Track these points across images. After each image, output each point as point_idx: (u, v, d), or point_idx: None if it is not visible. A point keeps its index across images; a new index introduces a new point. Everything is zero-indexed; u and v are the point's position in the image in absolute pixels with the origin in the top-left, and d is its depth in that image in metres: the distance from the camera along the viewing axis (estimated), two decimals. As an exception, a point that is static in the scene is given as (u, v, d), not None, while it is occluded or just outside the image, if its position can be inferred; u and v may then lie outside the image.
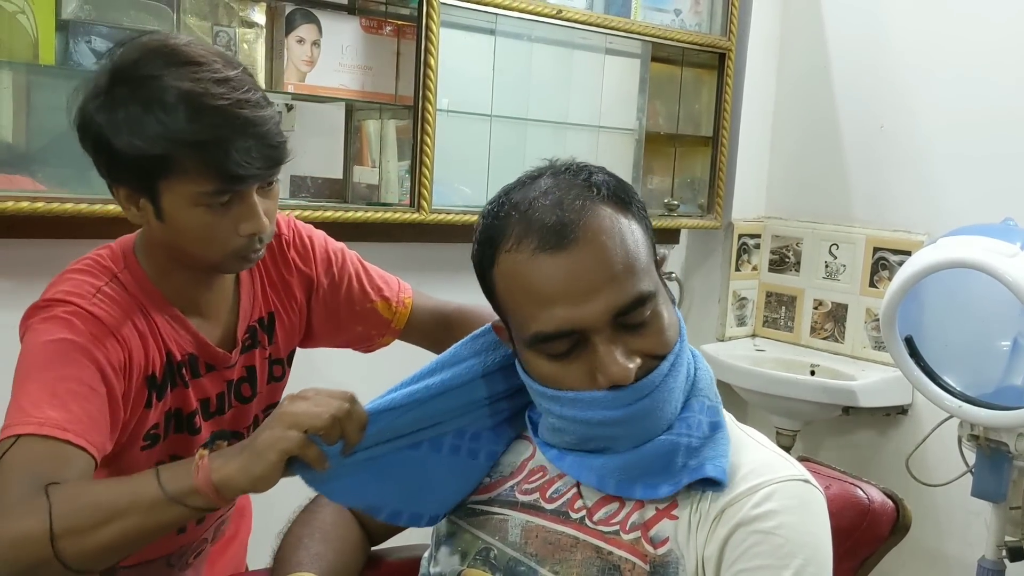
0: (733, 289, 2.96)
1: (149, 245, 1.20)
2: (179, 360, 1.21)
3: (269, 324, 1.33)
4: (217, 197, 1.09)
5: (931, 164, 2.58)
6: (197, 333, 1.22)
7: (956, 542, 2.50)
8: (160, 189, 1.09)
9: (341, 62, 2.17)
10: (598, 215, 0.94)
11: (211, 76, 1.07)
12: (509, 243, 0.95)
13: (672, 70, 2.86)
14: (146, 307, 1.17)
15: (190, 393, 1.23)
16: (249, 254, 1.16)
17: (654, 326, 0.95)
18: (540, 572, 0.98)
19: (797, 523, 0.93)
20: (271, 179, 1.15)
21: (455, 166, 2.34)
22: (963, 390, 2.00)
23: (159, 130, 1.05)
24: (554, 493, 1.03)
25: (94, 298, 1.12)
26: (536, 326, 0.94)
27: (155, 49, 1.09)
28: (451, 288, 2.41)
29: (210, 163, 1.07)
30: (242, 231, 1.13)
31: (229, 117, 1.07)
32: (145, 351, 1.16)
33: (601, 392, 0.94)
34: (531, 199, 0.96)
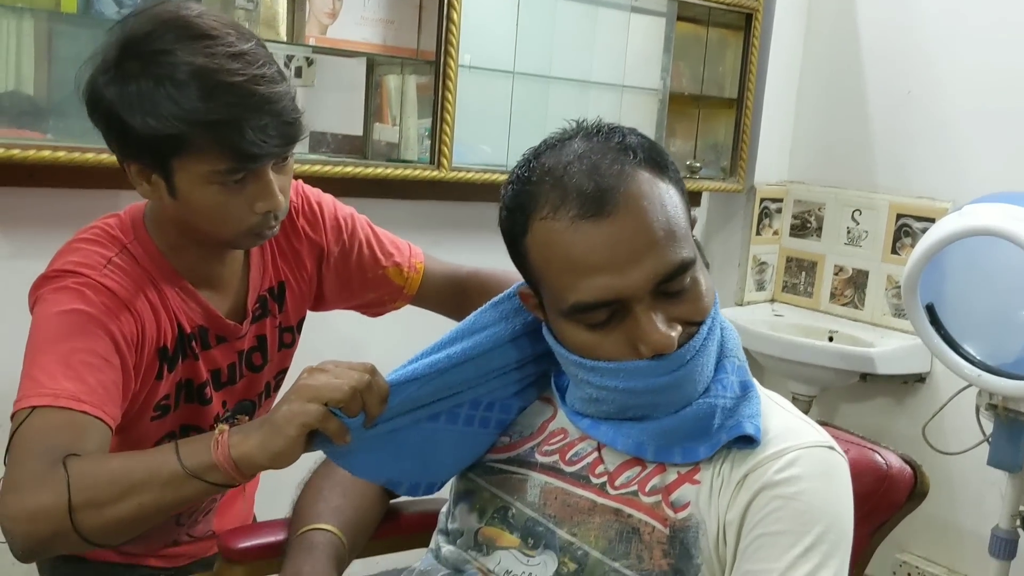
0: (753, 253, 2.95)
1: (159, 219, 1.18)
2: (189, 332, 1.20)
3: (279, 293, 1.31)
4: (232, 175, 1.07)
5: (957, 131, 2.54)
6: (207, 305, 1.21)
7: (970, 511, 2.50)
8: (173, 167, 1.07)
9: (363, 15, 2.15)
10: (637, 180, 0.91)
11: (225, 51, 1.04)
12: (544, 210, 0.92)
13: (698, 30, 2.82)
14: (156, 279, 1.16)
15: (200, 364, 1.22)
16: (264, 231, 1.15)
17: (693, 292, 0.93)
18: (558, 533, 0.98)
19: (820, 489, 0.92)
20: (286, 155, 1.13)
21: (476, 124, 2.33)
22: (983, 359, 1.99)
23: (172, 109, 1.02)
24: (574, 456, 1.02)
25: (105, 269, 1.11)
26: (575, 296, 0.91)
27: (167, 21, 1.05)
28: (470, 246, 2.41)
29: (225, 142, 1.04)
30: (258, 209, 1.11)
31: (244, 95, 1.04)
32: (157, 323, 1.15)
33: (644, 361, 0.92)
34: (565, 164, 0.93)
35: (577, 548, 0.97)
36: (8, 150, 1.66)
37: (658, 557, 0.94)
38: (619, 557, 0.95)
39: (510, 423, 1.09)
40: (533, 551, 0.99)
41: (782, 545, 0.89)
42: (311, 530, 1.06)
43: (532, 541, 1.00)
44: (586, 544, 0.97)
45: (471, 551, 1.04)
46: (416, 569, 1.07)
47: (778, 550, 0.89)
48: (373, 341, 1.82)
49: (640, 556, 0.94)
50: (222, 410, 1.29)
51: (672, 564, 0.93)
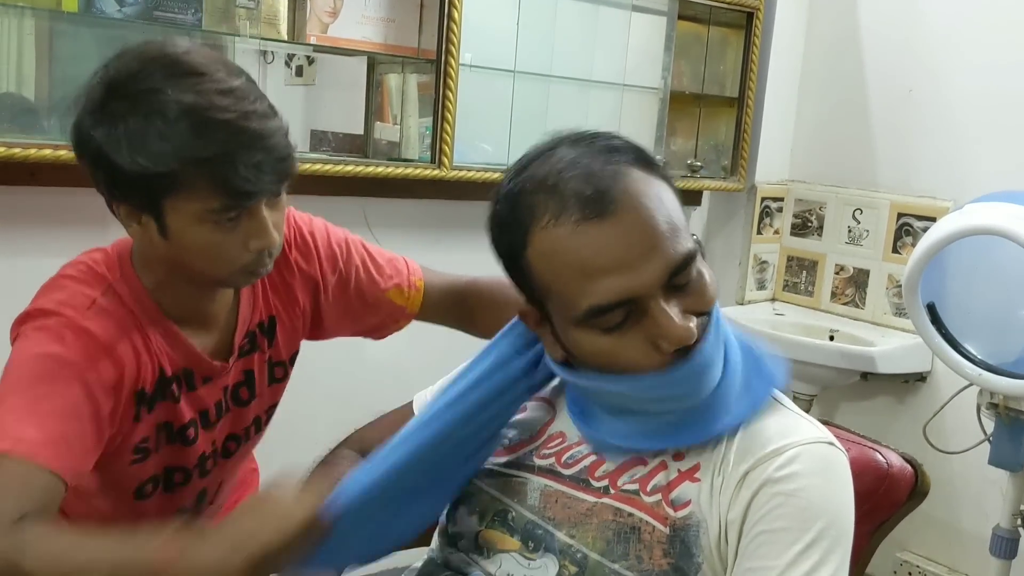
0: (754, 252, 2.94)
1: (147, 257, 1.14)
2: (171, 374, 1.16)
3: (269, 328, 1.28)
4: (225, 214, 1.04)
5: (959, 130, 2.54)
6: (192, 348, 1.18)
7: (971, 510, 2.50)
8: (164, 207, 1.04)
9: (364, 14, 2.15)
10: (632, 178, 0.91)
11: (215, 87, 1.02)
12: (544, 220, 0.90)
13: (699, 29, 2.82)
14: (140, 320, 1.13)
15: (182, 407, 1.19)
16: (258, 269, 1.12)
17: (699, 283, 0.93)
18: (557, 536, 0.98)
19: (821, 486, 0.92)
20: (279, 192, 1.10)
21: (477, 123, 2.32)
22: (984, 358, 1.99)
23: (163, 146, 1.00)
24: (570, 459, 1.02)
25: (88, 311, 1.08)
26: (589, 300, 0.89)
27: (154, 59, 1.03)
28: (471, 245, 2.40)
29: (217, 180, 1.01)
30: (252, 247, 1.08)
31: (236, 131, 1.01)
32: (138, 366, 1.12)
33: (676, 369, 0.91)
34: (557, 171, 0.91)
35: (576, 551, 0.97)
36: (9, 149, 1.66)
37: (658, 557, 0.93)
38: (618, 558, 0.94)
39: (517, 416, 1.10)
40: (534, 554, 0.99)
41: (783, 542, 0.89)
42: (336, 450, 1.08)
43: (532, 544, 1.00)
44: (584, 546, 0.96)
45: (472, 554, 1.04)
46: (416, 570, 1.07)
47: (779, 547, 0.89)
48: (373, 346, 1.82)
49: (639, 556, 0.94)
50: (209, 448, 1.26)
51: (672, 563, 0.93)
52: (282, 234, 1.13)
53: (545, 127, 1.02)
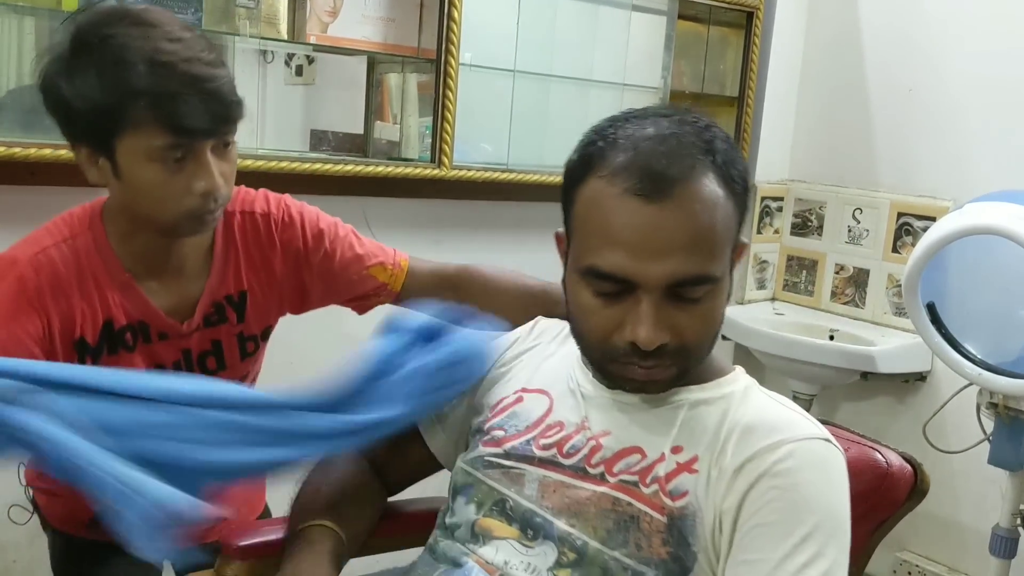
0: (754, 252, 2.95)
1: (112, 208, 1.21)
2: (125, 324, 1.21)
3: (239, 302, 1.31)
4: (171, 152, 1.10)
5: (959, 129, 2.54)
6: (147, 302, 1.23)
7: (971, 509, 2.51)
8: (116, 146, 1.11)
9: (364, 13, 2.15)
10: (701, 181, 0.91)
11: (165, 35, 1.10)
12: (604, 171, 0.93)
13: (699, 28, 2.82)
14: (97, 272, 1.19)
15: (135, 358, 1.23)
16: (204, 215, 1.16)
17: (703, 310, 0.94)
18: (556, 524, 0.99)
19: (816, 480, 0.93)
20: (226, 139, 1.15)
21: (477, 122, 2.33)
22: (984, 358, 1.99)
23: (111, 83, 1.07)
24: (571, 448, 1.03)
25: (35, 258, 1.16)
26: (594, 259, 0.93)
27: (111, 12, 1.12)
28: (471, 245, 2.42)
29: (160, 116, 1.08)
30: (196, 189, 1.13)
31: (179, 72, 1.08)
32: (74, 317, 1.17)
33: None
34: (645, 136, 0.93)
35: (576, 538, 0.97)
36: (9, 148, 1.66)
37: (657, 545, 0.94)
38: (617, 546, 0.95)
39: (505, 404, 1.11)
40: (532, 542, 1.00)
41: (778, 535, 0.90)
42: (310, 526, 1.06)
43: (531, 532, 1.00)
44: (584, 534, 0.97)
45: (468, 544, 1.04)
46: (414, 568, 1.07)
47: (774, 540, 0.90)
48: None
49: (639, 544, 0.95)
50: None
51: (671, 552, 0.94)
52: (231, 186, 1.18)
53: (545, 127, 1.04)
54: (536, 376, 1.14)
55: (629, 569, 0.94)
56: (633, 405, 1.03)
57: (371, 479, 1.20)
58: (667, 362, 0.95)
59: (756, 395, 1.03)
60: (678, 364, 0.96)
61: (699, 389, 1.02)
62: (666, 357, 0.95)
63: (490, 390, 1.17)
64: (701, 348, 0.97)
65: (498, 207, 2.41)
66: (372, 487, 1.19)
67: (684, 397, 1.02)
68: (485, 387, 1.18)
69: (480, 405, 1.17)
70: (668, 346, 0.93)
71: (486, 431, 1.12)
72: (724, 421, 0.99)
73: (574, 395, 1.08)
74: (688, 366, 0.98)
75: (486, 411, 1.15)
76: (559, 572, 0.97)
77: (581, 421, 1.05)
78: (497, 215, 2.41)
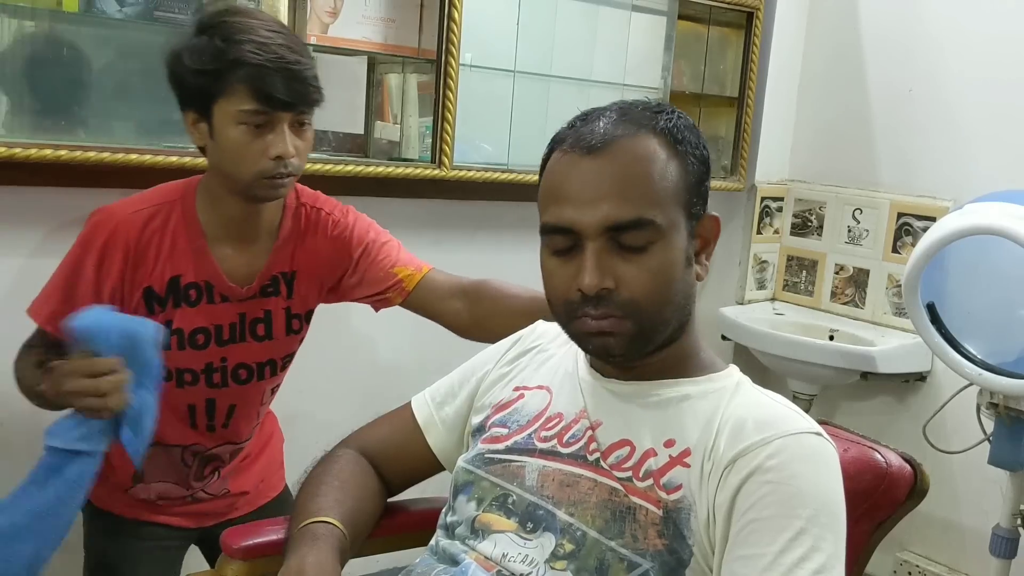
0: (754, 252, 2.95)
1: (205, 179, 1.43)
2: (189, 282, 1.42)
3: (290, 279, 1.50)
4: (254, 118, 1.31)
5: (959, 129, 2.54)
6: (216, 265, 1.43)
7: (971, 510, 2.51)
8: (214, 111, 1.33)
9: (364, 14, 2.15)
10: (640, 140, 0.98)
11: (265, 26, 1.34)
12: (560, 145, 1.02)
13: (699, 28, 2.82)
14: (178, 235, 1.41)
15: (196, 314, 1.43)
16: (274, 179, 1.35)
17: (648, 259, 0.97)
18: (558, 514, 1.00)
19: (809, 474, 0.93)
20: (302, 118, 1.36)
21: (477, 122, 2.33)
22: (984, 358, 1.99)
23: (217, 55, 1.30)
24: (571, 438, 1.05)
25: (129, 216, 1.39)
26: (545, 217, 1.01)
27: (229, 7, 1.41)
28: (471, 245, 2.42)
29: (250, 85, 1.30)
30: (270, 153, 1.33)
31: (271, 53, 1.30)
32: (147, 268, 1.40)
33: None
34: (598, 115, 1.02)
35: (576, 528, 0.98)
36: (10, 148, 1.67)
37: (653, 537, 0.95)
38: (615, 536, 0.96)
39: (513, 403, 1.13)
40: (531, 534, 1.01)
41: (774, 529, 0.90)
42: (313, 522, 1.06)
43: (531, 525, 1.01)
44: (584, 524, 0.98)
45: (468, 540, 1.05)
46: (415, 568, 1.08)
47: (770, 535, 0.90)
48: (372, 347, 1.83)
49: (635, 535, 0.96)
50: (218, 362, 1.47)
51: (667, 544, 0.95)
52: (303, 161, 1.39)
53: (545, 127, 1.06)
54: (536, 375, 1.15)
55: (625, 560, 0.95)
56: (626, 396, 1.05)
57: (373, 479, 1.20)
58: (618, 313, 0.97)
59: (748, 390, 1.04)
60: (631, 317, 0.97)
61: (691, 383, 1.04)
62: (615, 307, 0.97)
63: (491, 390, 1.18)
64: (654, 303, 0.98)
65: (498, 207, 2.41)
66: (373, 486, 1.19)
67: (676, 390, 1.03)
68: (486, 387, 1.19)
69: (481, 405, 1.18)
70: (616, 296, 0.97)
71: (486, 429, 1.13)
72: (716, 415, 1.00)
73: (572, 385, 1.09)
74: (646, 322, 0.98)
75: (487, 410, 1.16)
76: (556, 564, 0.98)
77: (579, 410, 1.06)
78: (497, 215, 2.42)
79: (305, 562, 1.00)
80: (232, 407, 1.52)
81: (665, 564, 0.95)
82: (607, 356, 1.03)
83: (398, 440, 1.23)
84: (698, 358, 1.07)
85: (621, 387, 1.06)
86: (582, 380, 1.09)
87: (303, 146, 1.37)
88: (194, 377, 1.46)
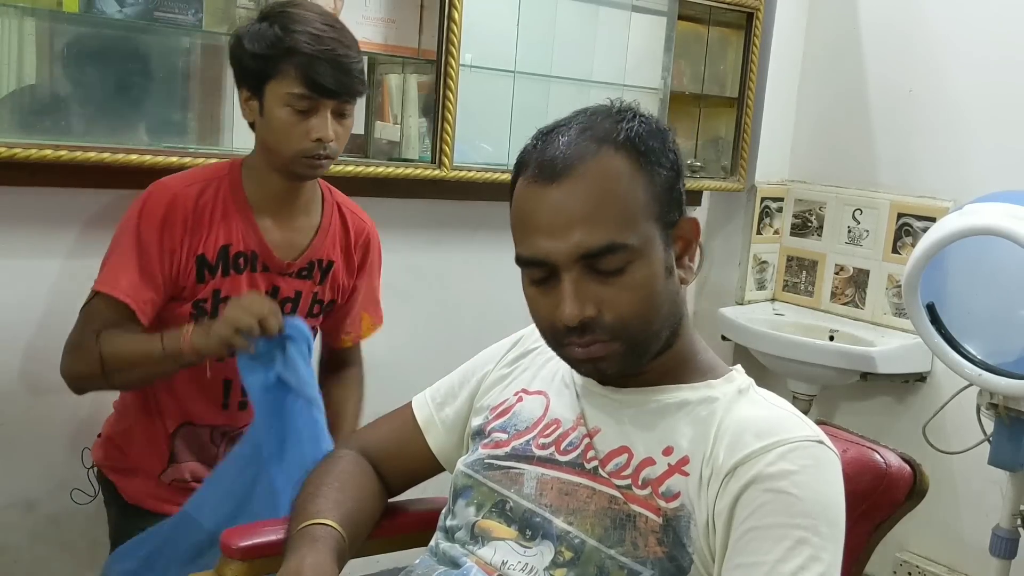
0: (754, 252, 2.95)
1: (255, 153, 1.54)
2: (238, 251, 1.52)
3: (326, 269, 1.62)
4: (300, 101, 1.43)
5: (959, 130, 2.54)
6: (262, 236, 1.54)
7: (971, 510, 2.50)
8: (265, 91, 1.45)
9: (364, 14, 2.14)
10: (602, 160, 0.96)
11: (322, 20, 1.47)
12: (525, 171, 1.00)
13: (699, 29, 2.82)
14: (228, 205, 1.52)
15: (241, 281, 1.53)
16: (313, 159, 1.47)
17: (625, 281, 0.96)
18: (555, 522, 1.00)
19: (810, 483, 0.93)
20: (345, 107, 1.48)
21: (477, 123, 2.32)
22: (984, 358, 1.99)
23: (274, 40, 1.43)
24: (568, 445, 1.04)
25: (183, 188, 1.50)
26: (519, 249, 1.00)
27: (296, 2, 1.51)
28: (471, 245, 2.42)
29: (300, 71, 1.42)
30: (311, 135, 1.45)
31: (323, 45, 1.43)
32: (201, 236, 1.49)
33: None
34: (556, 132, 1.00)
35: (574, 536, 0.98)
36: (10, 149, 1.67)
37: (652, 544, 0.95)
38: (614, 544, 0.96)
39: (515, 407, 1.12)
40: (530, 542, 1.00)
41: (773, 538, 0.90)
42: (312, 524, 1.06)
43: (530, 532, 1.01)
44: (583, 532, 0.98)
45: (468, 545, 1.05)
46: (415, 568, 1.08)
47: (769, 543, 0.90)
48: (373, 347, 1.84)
49: (635, 543, 0.95)
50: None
51: (667, 552, 0.94)
52: (342, 148, 1.52)
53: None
54: (536, 378, 1.15)
55: (625, 568, 0.95)
56: (624, 402, 1.04)
57: (372, 479, 1.20)
58: (604, 336, 0.97)
59: (750, 395, 1.03)
60: (620, 338, 0.97)
61: (690, 389, 1.03)
62: (600, 332, 0.96)
63: (491, 392, 1.18)
64: (640, 321, 0.97)
65: (498, 207, 2.38)
66: (373, 487, 1.19)
67: (673, 396, 1.03)
68: (486, 388, 1.19)
69: (481, 407, 1.17)
70: (600, 320, 0.96)
71: (487, 433, 1.12)
72: (715, 422, 0.99)
73: (570, 392, 1.09)
74: (635, 340, 0.98)
75: (487, 413, 1.15)
76: (556, 572, 0.97)
77: (577, 417, 1.06)
78: (497, 215, 2.39)
79: (304, 564, 1.00)
80: None
81: (665, 572, 0.94)
82: (602, 377, 1.03)
83: (398, 440, 1.23)
84: (696, 361, 1.06)
85: (619, 394, 1.05)
86: (579, 386, 1.09)
87: (343, 132, 1.50)
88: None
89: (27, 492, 1.84)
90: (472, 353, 1.27)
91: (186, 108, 1.97)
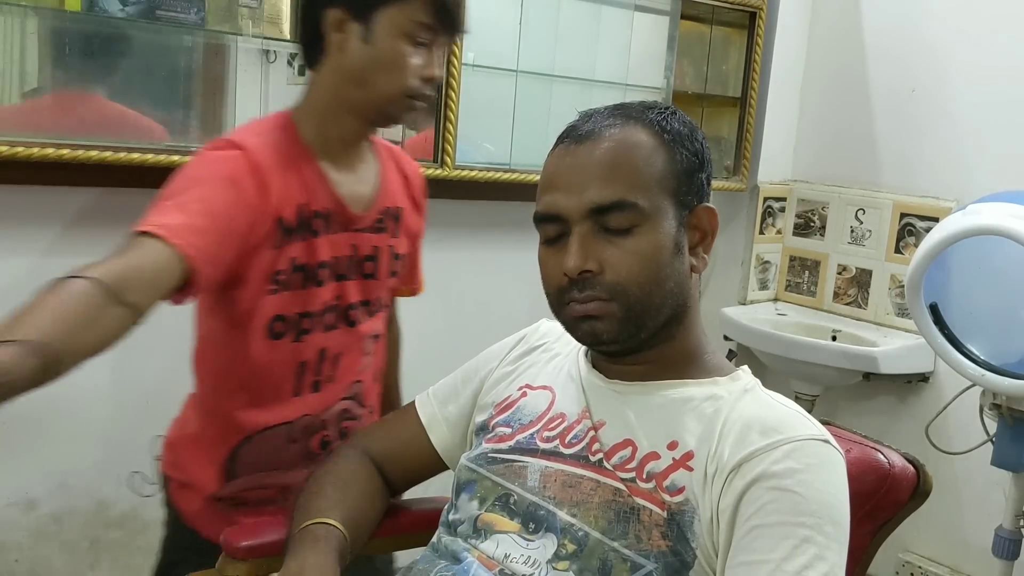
0: (756, 252, 2.94)
1: (310, 100, 1.34)
2: (315, 211, 1.32)
3: (396, 216, 1.45)
4: (425, 32, 1.27)
5: (962, 129, 2.53)
6: (334, 190, 1.34)
7: (974, 511, 2.50)
8: (378, 15, 1.26)
9: (367, 14, 2.14)
10: (625, 130, 1.02)
11: None
12: (557, 144, 1.06)
13: (701, 28, 2.82)
14: (297, 160, 1.31)
15: (320, 243, 1.33)
16: (415, 100, 1.31)
17: (632, 243, 0.99)
18: (559, 515, 1.00)
19: (815, 481, 0.92)
20: (452, 41, 1.36)
21: (480, 122, 2.32)
22: (987, 359, 1.99)
23: None
24: (573, 438, 1.04)
25: (254, 139, 1.27)
26: (537, 208, 1.04)
27: None
28: (473, 245, 2.42)
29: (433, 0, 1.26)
30: (425, 72, 1.29)
31: None
32: (283, 195, 1.27)
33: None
34: (594, 112, 1.06)
35: (578, 529, 0.98)
36: (11, 148, 1.67)
37: (656, 538, 0.95)
38: (618, 537, 0.96)
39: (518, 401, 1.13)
40: (533, 535, 1.00)
41: (778, 536, 0.90)
42: (314, 524, 1.06)
43: (533, 526, 1.01)
44: (586, 525, 0.98)
45: (471, 539, 1.05)
46: (416, 564, 1.08)
47: (773, 541, 0.90)
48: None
49: (639, 536, 0.95)
50: (333, 300, 1.37)
51: (671, 546, 0.94)
52: (435, 89, 1.36)
53: (548, 127, 1.06)
54: (541, 374, 1.15)
55: (629, 560, 0.95)
56: (629, 396, 1.04)
57: (375, 478, 1.20)
58: (603, 295, 0.99)
59: (756, 393, 1.03)
60: (618, 300, 0.99)
61: (696, 385, 1.03)
62: (600, 289, 0.99)
63: (495, 389, 1.18)
64: (639, 288, 0.99)
65: (500, 207, 2.41)
66: (376, 486, 1.19)
67: (679, 391, 1.03)
68: (490, 385, 1.19)
69: (485, 403, 1.18)
70: (600, 278, 0.98)
71: (491, 428, 1.12)
72: (720, 419, 0.99)
73: (575, 386, 1.09)
74: (632, 306, 0.99)
75: (491, 409, 1.15)
76: (558, 564, 0.97)
77: (582, 410, 1.06)
78: (499, 215, 2.41)
79: (305, 564, 0.99)
80: (339, 355, 1.40)
81: (669, 566, 0.94)
82: (597, 342, 1.03)
83: (401, 439, 1.23)
84: (703, 359, 1.07)
85: (624, 387, 1.05)
86: (585, 380, 1.09)
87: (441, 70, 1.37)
88: (312, 322, 1.35)
89: (28, 491, 1.84)
90: (475, 352, 1.27)
91: (188, 107, 1.97)
